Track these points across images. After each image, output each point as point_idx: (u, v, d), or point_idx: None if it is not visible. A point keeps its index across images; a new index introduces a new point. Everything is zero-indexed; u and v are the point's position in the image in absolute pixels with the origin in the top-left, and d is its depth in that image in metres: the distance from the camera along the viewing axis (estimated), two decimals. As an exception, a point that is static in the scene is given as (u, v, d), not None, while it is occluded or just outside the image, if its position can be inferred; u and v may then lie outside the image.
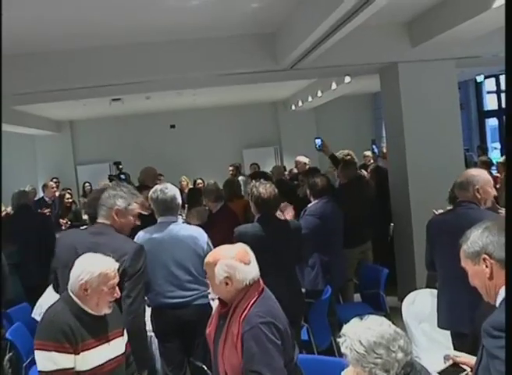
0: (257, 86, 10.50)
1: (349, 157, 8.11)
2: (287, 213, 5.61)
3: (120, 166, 9.15)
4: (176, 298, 4.23)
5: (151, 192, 4.45)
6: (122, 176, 8.50)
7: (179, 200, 4.47)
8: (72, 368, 2.88)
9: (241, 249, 2.99)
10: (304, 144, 11.97)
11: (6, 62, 6.45)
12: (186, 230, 4.39)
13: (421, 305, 4.63)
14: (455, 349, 3.67)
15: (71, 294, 3.04)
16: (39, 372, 2.89)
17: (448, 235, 3.78)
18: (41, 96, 7.58)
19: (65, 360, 2.86)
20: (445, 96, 7.05)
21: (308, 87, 12.12)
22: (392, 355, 2.40)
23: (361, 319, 2.54)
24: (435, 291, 4.34)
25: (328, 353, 4.85)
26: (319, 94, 11.55)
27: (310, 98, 12.36)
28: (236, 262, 2.89)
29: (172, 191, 4.40)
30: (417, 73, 6.92)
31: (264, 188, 4.63)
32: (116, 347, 3.15)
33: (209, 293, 4.01)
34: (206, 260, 2.97)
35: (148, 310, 4.45)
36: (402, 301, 4.91)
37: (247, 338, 2.76)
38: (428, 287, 4.86)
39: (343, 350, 2.47)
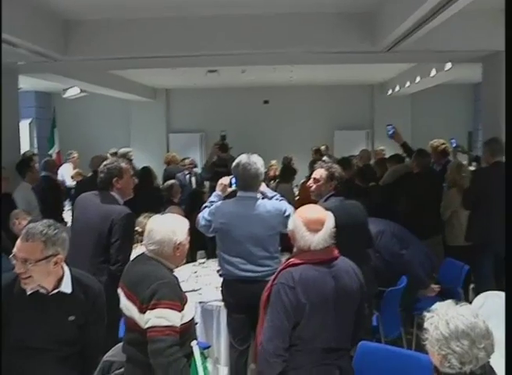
0: (354, 67, 10.34)
1: (443, 146, 7.86)
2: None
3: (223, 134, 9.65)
4: (247, 272, 4.25)
5: (234, 164, 4.44)
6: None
7: (262, 175, 4.44)
8: (178, 327, 2.98)
9: (318, 218, 3.13)
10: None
11: (106, 26, 6.66)
12: (265, 207, 4.34)
13: (489, 308, 4.43)
14: None
15: (154, 256, 3.16)
16: (151, 327, 2.95)
17: None
18: (138, 62, 7.74)
19: (176, 318, 2.98)
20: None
21: (407, 71, 11.79)
22: (474, 350, 2.31)
23: (457, 304, 2.46)
24: (502, 294, 4.15)
25: (394, 344, 4.74)
26: (417, 80, 11.20)
27: (407, 84, 12.02)
28: (300, 223, 3.11)
29: (255, 166, 4.35)
30: (523, 63, 6.55)
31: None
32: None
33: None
34: None
35: (220, 280, 4.52)
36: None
37: (272, 291, 3.07)
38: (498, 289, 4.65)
39: (426, 325, 2.40)
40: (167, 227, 3.18)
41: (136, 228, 4.96)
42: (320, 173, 4.70)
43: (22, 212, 6.04)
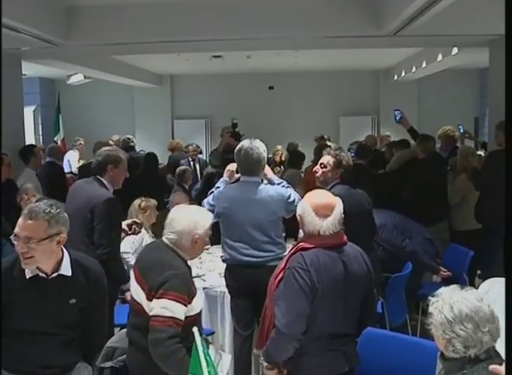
0: (359, 52, 10.25)
1: (453, 133, 7.82)
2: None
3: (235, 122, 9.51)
4: (249, 257, 4.25)
5: (236, 149, 4.42)
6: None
7: (264, 160, 4.42)
8: (182, 320, 2.98)
9: (327, 203, 3.11)
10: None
11: (109, 11, 6.62)
12: (267, 191, 4.33)
13: (495, 294, 4.40)
14: None
15: (171, 245, 3.16)
16: (154, 316, 2.97)
17: None
18: (142, 47, 7.69)
19: (180, 311, 2.98)
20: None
21: (413, 56, 11.70)
22: (478, 334, 2.31)
23: (462, 288, 2.45)
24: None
25: (399, 331, 4.72)
26: (423, 65, 11.11)
27: (413, 69, 11.93)
28: (309, 208, 3.08)
29: (257, 151, 4.33)
30: (531, 48, 6.46)
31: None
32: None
33: (285, 256, 4.00)
34: None
35: (224, 266, 4.51)
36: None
37: (286, 274, 3.02)
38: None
39: (430, 309, 2.40)
40: (189, 219, 3.18)
41: (135, 219, 4.95)
42: (327, 159, 4.64)
43: (32, 188, 6.00)
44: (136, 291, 3.15)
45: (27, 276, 2.92)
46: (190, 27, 6.67)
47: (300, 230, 3.32)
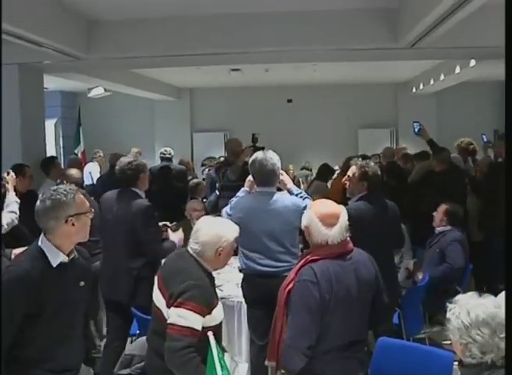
0: (378, 65, 10.27)
1: (471, 146, 7.81)
2: None
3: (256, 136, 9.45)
4: (265, 267, 4.27)
5: (250, 160, 4.46)
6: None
7: (279, 170, 4.44)
8: (198, 330, 2.99)
9: (332, 212, 3.12)
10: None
11: (128, 25, 6.72)
12: (282, 202, 4.35)
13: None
14: None
15: (195, 255, 3.20)
16: (169, 324, 3.01)
17: None
18: (161, 60, 7.79)
19: (197, 321, 3.00)
20: None
21: (431, 69, 11.69)
22: (495, 339, 2.32)
23: (480, 295, 2.47)
24: None
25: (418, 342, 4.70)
26: (442, 77, 11.10)
27: (432, 81, 11.92)
28: (315, 219, 3.09)
29: (271, 162, 4.36)
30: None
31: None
32: None
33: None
34: None
35: (241, 276, 4.54)
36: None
37: (295, 288, 3.03)
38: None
39: (448, 315, 2.43)
40: (214, 231, 3.23)
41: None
42: (353, 171, 4.64)
43: (77, 175, 6.42)
44: (157, 298, 3.19)
45: (55, 265, 2.78)
46: (209, 40, 6.74)
47: None
